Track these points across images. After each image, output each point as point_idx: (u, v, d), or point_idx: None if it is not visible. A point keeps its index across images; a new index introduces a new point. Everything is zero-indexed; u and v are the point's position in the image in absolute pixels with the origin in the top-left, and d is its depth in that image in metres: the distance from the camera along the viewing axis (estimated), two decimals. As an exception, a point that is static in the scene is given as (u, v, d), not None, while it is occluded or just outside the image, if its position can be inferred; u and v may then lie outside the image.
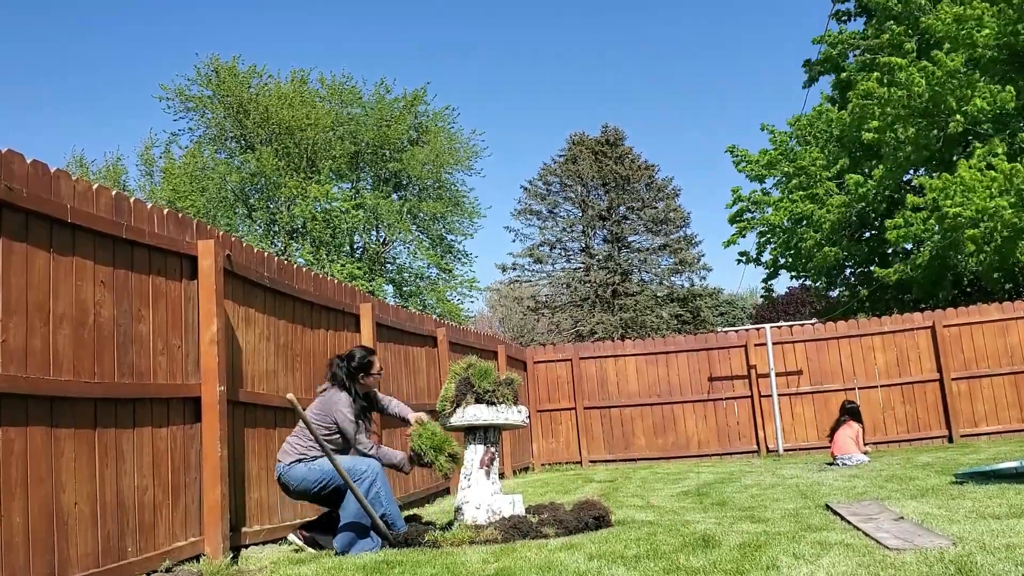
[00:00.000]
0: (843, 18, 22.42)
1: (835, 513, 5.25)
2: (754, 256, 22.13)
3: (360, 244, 28.58)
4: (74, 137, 66.77)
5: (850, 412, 9.74)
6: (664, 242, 38.40)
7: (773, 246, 20.98)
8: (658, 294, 38.14)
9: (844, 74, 20.36)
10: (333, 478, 4.90)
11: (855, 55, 20.69)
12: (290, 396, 4.61)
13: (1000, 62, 16.16)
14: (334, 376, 5.26)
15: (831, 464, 9.48)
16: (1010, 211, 13.48)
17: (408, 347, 8.48)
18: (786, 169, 20.34)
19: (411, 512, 6.09)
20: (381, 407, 5.58)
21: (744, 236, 21.67)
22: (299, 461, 4.98)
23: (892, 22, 18.16)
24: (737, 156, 21.98)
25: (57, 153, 50.31)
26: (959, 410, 12.06)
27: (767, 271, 22.09)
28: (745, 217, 21.60)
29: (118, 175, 28.51)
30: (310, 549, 5.11)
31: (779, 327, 12.97)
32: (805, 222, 19.58)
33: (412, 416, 5.48)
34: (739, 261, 22.37)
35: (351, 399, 5.19)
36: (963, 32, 15.37)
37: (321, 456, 4.92)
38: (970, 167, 14.68)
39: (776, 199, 20.73)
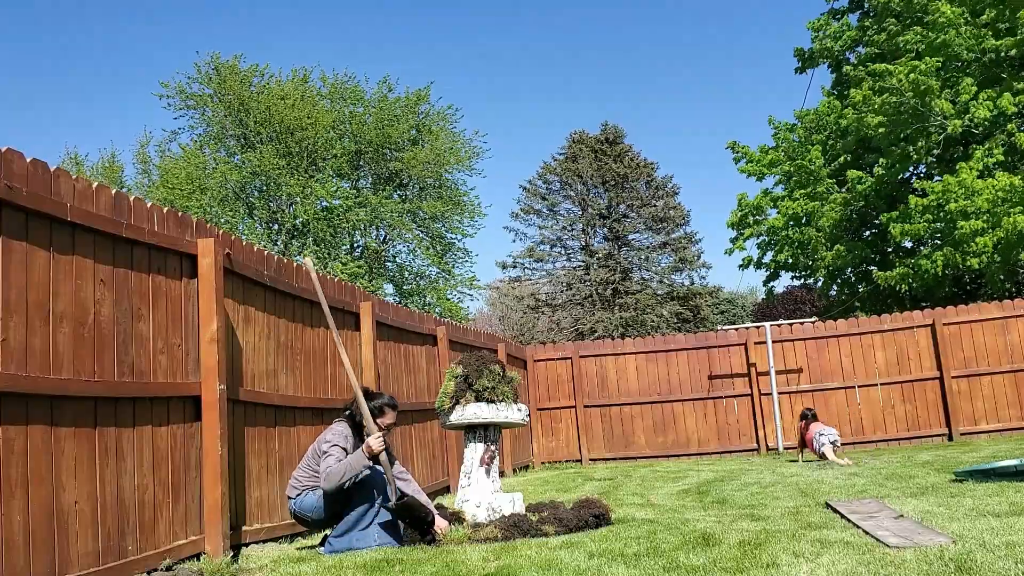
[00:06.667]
0: (837, 16, 22.41)
1: (835, 511, 5.26)
2: (756, 260, 22.02)
3: (361, 243, 28.59)
4: (69, 134, 66.52)
5: (803, 417, 10.04)
6: (664, 240, 38.38)
7: (775, 249, 20.90)
8: (658, 292, 38.12)
9: (845, 68, 20.34)
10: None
11: (853, 54, 20.70)
12: None
13: (991, 65, 16.33)
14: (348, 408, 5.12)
15: (819, 461, 9.54)
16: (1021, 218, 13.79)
17: (408, 346, 8.48)
18: (787, 168, 20.28)
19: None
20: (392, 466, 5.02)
21: (746, 241, 21.60)
22: (307, 490, 4.91)
23: (893, 19, 18.16)
24: (738, 153, 21.80)
25: (52, 150, 50.27)
26: (959, 408, 12.07)
27: (768, 272, 22.00)
28: (748, 221, 21.48)
29: (115, 172, 28.47)
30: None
31: (779, 325, 12.98)
32: (806, 220, 19.55)
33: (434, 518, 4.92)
34: (741, 267, 22.27)
35: (349, 432, 4.96)
36: (938, 41, 15.80)
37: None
38: (970, 168, 14.88)
39: (777, 196, 20.66)
